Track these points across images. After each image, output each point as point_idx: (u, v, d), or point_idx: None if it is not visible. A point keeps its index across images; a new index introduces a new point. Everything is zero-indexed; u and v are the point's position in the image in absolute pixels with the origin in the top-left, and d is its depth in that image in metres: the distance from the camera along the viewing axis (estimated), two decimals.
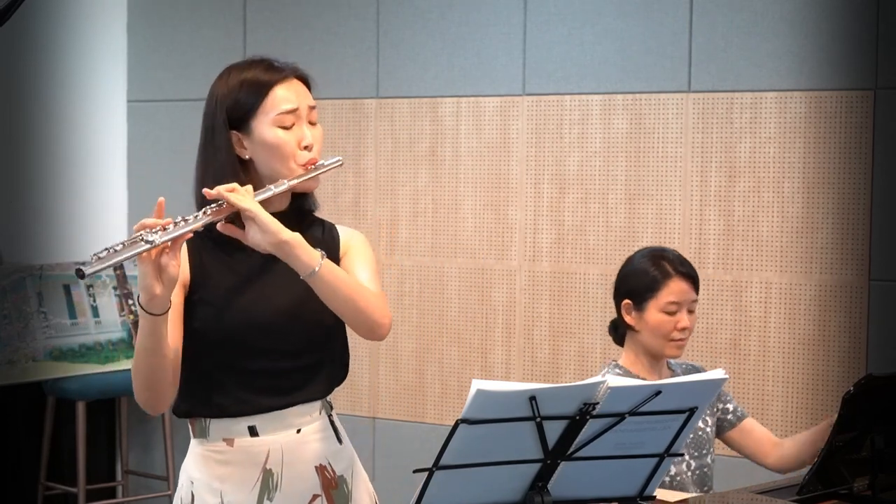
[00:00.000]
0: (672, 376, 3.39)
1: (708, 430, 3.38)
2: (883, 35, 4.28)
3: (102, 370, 5.33)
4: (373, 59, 5.18)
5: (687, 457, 3.31)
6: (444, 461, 2.15)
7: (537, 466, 2.23)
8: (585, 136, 4.77)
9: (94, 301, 5.41)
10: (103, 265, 2.24)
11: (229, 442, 2.52)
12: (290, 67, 2.59)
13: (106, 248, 2.26)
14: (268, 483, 2.51)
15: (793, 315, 4.43)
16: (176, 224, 2.32)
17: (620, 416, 2.20)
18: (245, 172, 2.53)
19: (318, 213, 2.67)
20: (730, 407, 3.43)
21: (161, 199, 2.36)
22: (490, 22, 4.94)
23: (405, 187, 5.12)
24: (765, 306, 4.47)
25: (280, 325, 2.48)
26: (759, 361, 4.48)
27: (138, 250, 2.26)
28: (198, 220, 2.35)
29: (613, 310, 4.71)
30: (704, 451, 3.35)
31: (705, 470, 3.34)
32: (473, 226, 4.99)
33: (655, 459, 2.32)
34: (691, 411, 2.26)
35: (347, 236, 2.62)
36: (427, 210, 5.06)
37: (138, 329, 2.36)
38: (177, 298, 2.46)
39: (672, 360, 3.44)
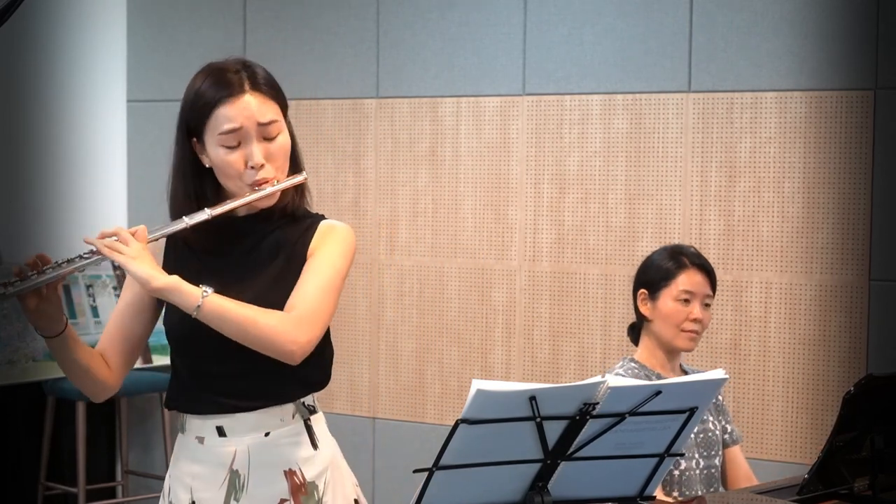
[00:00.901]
0: (685, 374, 3.40)
1: (717, 432, 3.38)
2: (883, 35, 4.28)
3: None
4: (373, 59, 5.18)
5: (697, 455, 3.31)
6: (444, 461, 2.15)
7: (537, 466, 2.23)
8: (585, 136, 4.77)
9: (94, 301, 5.41)
10: None
11: (200, 440, 2.53)
12: (247, 80, 2.48)
13: None
14: (234, 483, 2.51)
15: (793, 315, 4.43)
16: (43, 272, 2.35)
17: (620, 416, 2.20)
18: (209, 178, 2.50)
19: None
20: (728, 427, 3.45)
21: (39, 256, 2.39)
22: (490, 22, 4.94)
23: (405, 187, 5.12)
24: (765, 306, 4.47)
25: None
26: (759, 361, 4.48)
27: None
28: (71, 265, 2.38)
29: (613, 310, 4.73)
30: (713, 452, 3.35)
31: (713, 471, 3.35)
32: (473, 226, 4.99)
33: (655, 459, 2.32)
34: (691, 411, 2.26)
35: (321, 235, 2.53)
36: (427, 210, 5.06)
37: None
38: (133, 295, 2.53)
39: (686, 365, 3.44)
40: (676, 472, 3.28)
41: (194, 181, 2.50)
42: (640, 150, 4.68)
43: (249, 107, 2.45)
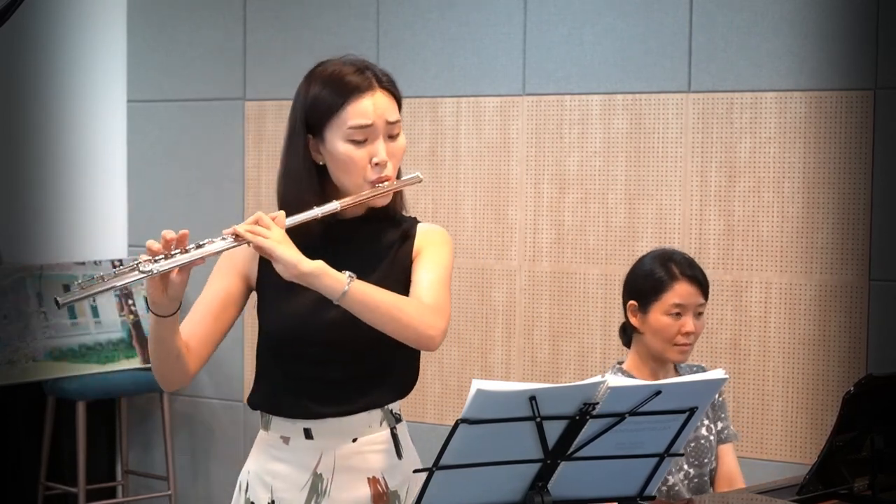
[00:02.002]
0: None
1: (711, 438, 3.34)
2: (883, 35, 4.28)
3: (102, 370, 5.34)
4: (373, 59, 5.16)
5: (686, 466, 3.28)
6: (444, 461, 2.15)
7: (537, 466, 2.23)
8: (585, 136, 4.78)
9: (94, 301, 5.41)
10: (86, 293, 2.26)
11: (285, 440, 2.52)
12: (373, 78, 2.50)
13: (97, 277, 2.28)
14: (317, 487, 2.50)
15: (793, 315, 4.43)
16: (186, 251, 2.31)
17: (620, 416, 2.20)
18: (321, 178, 2.50)
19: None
20: (720, 425, 3.40)
21: (185, 232, 2.34)
22: (490, 22, 4.94)
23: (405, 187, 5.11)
24: (765, 306, 4.47)
25: (335, 334, 2.46)
26: (759, 361, 4.48)
27: (129, 280, 2.28)
28: (210, 247, 2.34)
29: (613, 310, 4.73)
30: (706, 461, 3.31)
31: (704, 479, 3.31)
32: (473, 226, 4.99)
33: (655, 459, 2.32)
34: (691, 411, 2.26)
35: (423, 237, 2.56)
36: (427, 210, 5.06)
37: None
38: (226, 286, 2.51)
39: (680, 365, 3.40)
40: (664, 489, 3.23)
41: (308, 180, 2.48)
42: (640, 150, 4.68)
43: (380, 104, 2.49)
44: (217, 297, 2.51)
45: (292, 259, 2.32)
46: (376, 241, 2.53)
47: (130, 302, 5.48)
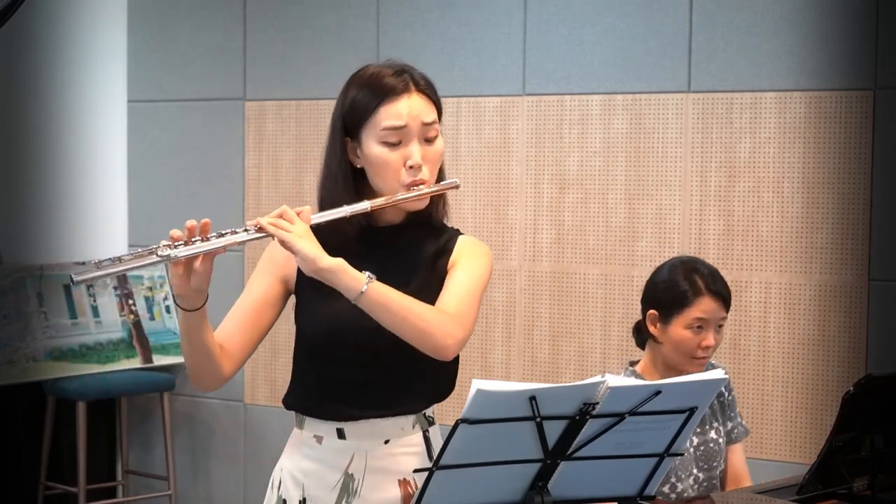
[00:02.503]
0: None
1: (720, 441, 3.33)
2: (883, 35, 4.28)
3: (102, 370, 5.34)
4: (373, 60, 5.17)
5: (696, 470, 3.27)
6: (444, 461, 2.15)
7: (537, 466, 2.23)
8: (585, 136, 4.78)
9: (94, 301, 5.41)
10: (102, 273, 2.25)
11: (318, 439, 2.53)
12: (410, 81, 2.51)
13: (114, 258, 2.27)
14: (348, 487, 2.51)
15: (793, 315, 4.43)
16: (207, 240, 2.31)
17: (620, 416, 2.20)
18: (358, 180, 2.50)
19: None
20: (730, 425, 3.39)
21: (207, 221, 2.34)
22: (490, 22, 4.94)
23: None
24: (765, 306, 4.47)
25: (371, 340, 2.46)
26: (759, 361, 4.48)
27: (146, 262, 2.28)
28: (232, 237, 2.34)
29: (613, 309, 4.73)
30: (714, 464, 3.30)
31: (714, 482, 3.30)
32: (473, 226, 4.99)
33: (655, 459, 2.32)
34: (691, 411, 2.26)
35: (462, 248, 2.55)
36: None
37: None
38: (265, 287, 2.51)
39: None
40: (673, 496, 3.22)
41: (344, 182, 2.49)
42: (640, 150, 4.68)
43: (415, 106, 2.48)
44: (255, 300, 2.51)
45: (312, 254, 2.33)
46: (414, 248, 2.53)
47: (131, 302, 5.48)
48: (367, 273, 2.35)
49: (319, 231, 2.41)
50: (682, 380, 2.29)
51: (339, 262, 2.34)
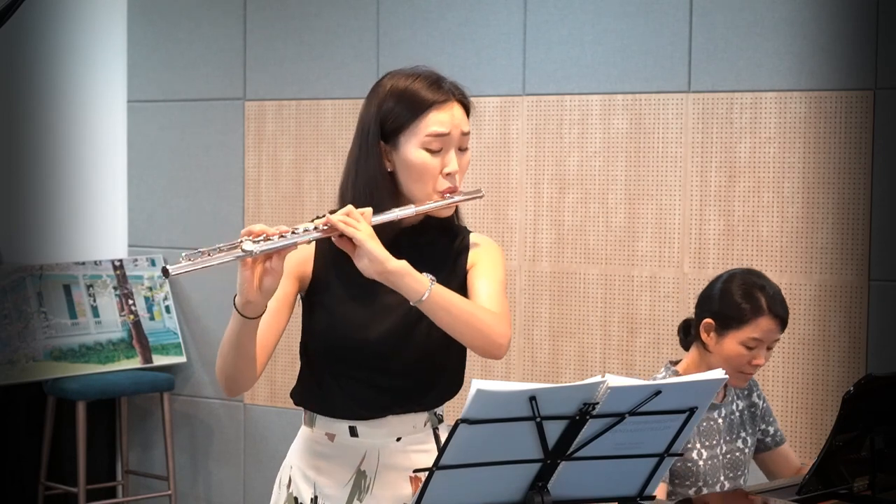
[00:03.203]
0: (727, 393, 3.33)
1: (747, 450, 3.33)
2: (883, 35, 4.28)
3: (102, 370, 5.34)
4: (373, 59, 5.19)
5: (723, 478, 3.27)
6: (444, 461, 2.15)
7: (537, 466, 2.23)
8: (585, 136, 4.78)
9: (94, 301, 5.41)
10: (192, 267, 2.26)
11: (330, 437, 2.54)
12: (453, 90, 2.53)
13: (200, 251, 2.28)
14: (360, 484, 2.53)
15: (793, 315, 4.40)
16: (282, 236, 2.32)
17: (620, 416, 2.20)
18: (389, 184, 2.51)
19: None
20: (770, 430, 3.38)
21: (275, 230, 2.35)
22: (490, 22, 4.94)
23: None
24: None
25: (390, 344, 2.49)
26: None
27: (232, 257, 2.29)
28: (306, 235, 2.35)
29: (613, 309, 4.73)
30: (739, 473, 3.30)
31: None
32: (473, 226, 4.97)
33: (655, 459, 2.32)
34: (691, 411, 2.26)
35: (478, 249, 2.58)
36: None
37: (230, 321, 2.40)
38: (285, 289, 2.50)
39: None
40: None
41: (384, 185, 2.50)
42: (640, 150, 4.68)
43: (457, 115, 2.51)
44: (277, 301, 2.50)
45: (381, 255, 2.34)
46: (434, 249, 2.55)
47: (131, 302, 5.49)
48: (430, 276, 2.38)
49: (388, 223, 2.45)
50: (683, 380, 2.29)
51: (405, 265, 2.36)
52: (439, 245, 2.56)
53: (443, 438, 2.57)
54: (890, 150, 4.29)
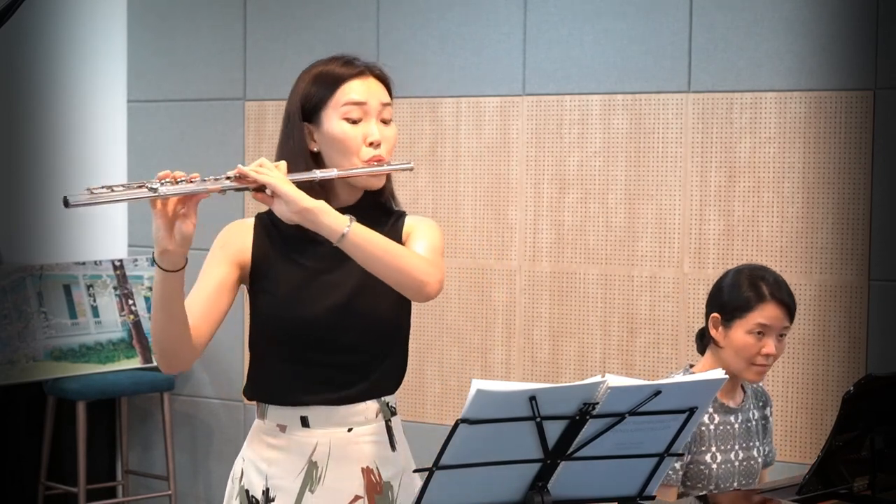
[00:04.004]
0: (745, 398, 3.34)
1: (760, 460, 3.33)
2: (883, 35, 4.28)
3: (102, 370, 5.34)
4: (373, 59, 5.17)
5: (736, 484, 3.26)
6: (444, 461, 2.15)
7: (537, 466, 2.23)
8: (585, 136, 4.78)
9: (94, 301, 5.41)
10: (94, 200, 2.24)
11: (282, 428, 2.55)
12: (368, 64, 2.59)
13: (105, 186, 2.26)
14: (311, 475, 2.53)
15: None
16: (192, 182, 2.32)
17: (620, 416, 2.20)
18: (315, 165, 2.54)
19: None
20: (765, 449, 3.39)
21: (192, 176, 2.34)
22: (490, 22, 4.94)
23: (405, 187, 5.12)
24: None
25: (333, 320, 2.50)
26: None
27: (137, 196, 2.28)
28: (217, 183, 2.34)
29: (613, 309, 4.73)
30: (752, 481, 3.30)
31: None
32: (473, 226, 4.99)
33: (655, 459, 2.32)
34: (691, 411, 2.26)
35: (414, 222, 2.60)
36: (427, 210, 5.06)
37: (154, 279, 2.39)
38: (222, 274, 2.51)
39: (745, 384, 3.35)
40: None
41: (305, 165, 2.52)
42: (640, 150, 4.68)
43: (373, 87, 2.56)
44: (212, 283, 2.51)
45: (295, 195, 2.35)
46: (369, 226, 2.54)
47: (131, 302, 5.49)
48: (349, 215, 2.39)
49: (278, 222, 2.46)
50: (683, 380, 2.29)
51: (322, 203, 2.37)
52: (375, 223, 2.55)
53: (395, 431, 2.60)
54: (890, 150, 4.29)
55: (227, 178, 2.36)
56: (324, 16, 5.28)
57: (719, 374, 2.29)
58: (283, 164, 2.43)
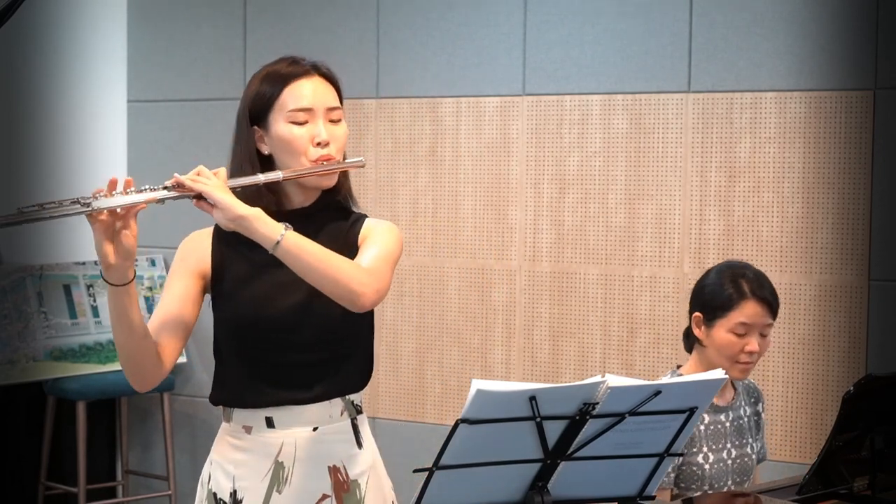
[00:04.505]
0: (735, 395, 3.34)
1: (754, 456, 3.33)
2: (883, 35, 4.28)
3: (102, 370, 5.34)
4: (373, 59, 5.18)
5: (730, 482, 3.26)
6: (444, 461, 2.15)
7: (537, 466, 2.23)
8: (585, 136, 4.78)
9: (94, 301, 5.41)
10: (22, 219, 2.25)
11: (247, 429, 2.56)
12: (312, 64, 2.59)
13: (37, 204, 2.26)
14: (278, 475, 2.54)
15: (793, 315, 4.43)
16: (127, 193, 2.32)
17: (620, 416, 2.20)
18: (266, 168, 2.54)
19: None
20: (757, 445, 3.39)
21: (129, 179, 2.36)
22: (490, 22, 4.94)
23: (405, 187, 5.12)
24: None
25: (291, 319, 2.51)
26: (759, 361, 4.47)
27: (69, 212, 2.28)
28: (153, 193, 2.36)
29: (613, 309, 4.73)
30: (746, 479, 3.30)
31: None
32: (473, 226, 4.99)
33: (655, 459, 2.32)
34: (691, 411, 2.26)
35: (372, 225, 2.60)
36: (427, 210, 5.06)
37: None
38: (184, 287, 2.53)
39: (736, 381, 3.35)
40: None
41: (252, 169, 2.53)
42: (640, 150, 4.68)
43: (319, 88, 2.56)
44: (178, 298, 2.54)
45: (229, 202, 2.36)
46: (324, 230, 2.57)
47: None
48: (285, 223, 2.39)
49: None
50: (683, 380, 2.29)
51: (257, 211, 2.38)
52: (332, 225, 2.57)
53: (361, 430, 2.60)
54: (890, 150, 4.28)
55: (165, 187, 2.38)
56: (324, 15, 5.28)
57: (719, 374, 2.29)
58: (222, 170, 2.44)
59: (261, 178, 2.47)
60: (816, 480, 2.96)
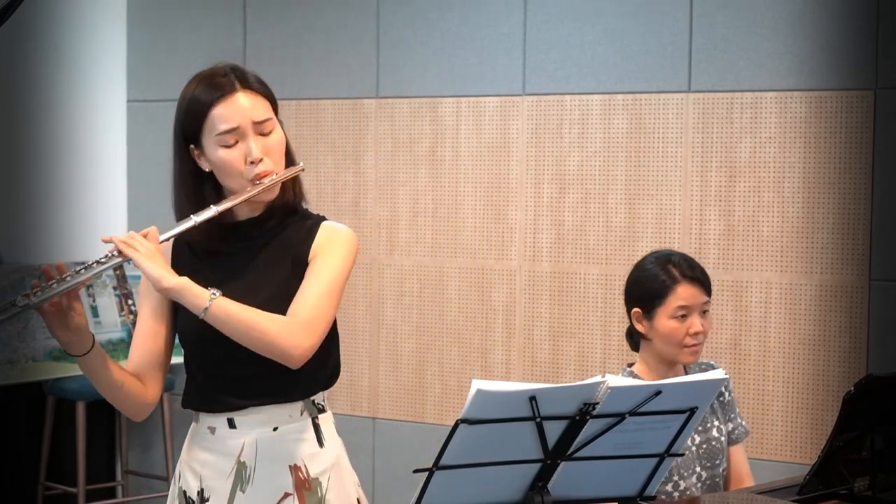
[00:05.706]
0: None
1: (722, 439, 3.33)
2: (883, 35, 4.28)
3: None
4: (373, 59, 5.18)
5: (699, 468, 3.27)
6: (444, 461, 2.15)
7: (537, 466, 2.23)
8: (585, 136, 4.78)
9: (94, 301, 5.41)
10: None
11: (212, 430, 2.60)
12: (236, 81, 2.55)
13: None
14: (241, 475, 2.57)
15: (793, 315, 4.43)
16: (64, 279, 2.39)
17: (620, 417, 2.20)
18: (209, 183, 2.56)
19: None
20: (731, 426, 3.38)
21: (57, 265, 2.42)
22: (490, 22, 4.94)
23: (405, 187, 5.12)
24: (765, 306, 4.47)
25: None
26: (759, 361, 4.48)
27: (9, 314, 2.42)
28: (89, 271, 2.41)
29: (613, 309, 4.73)
30: (717, 462, 3.29)
31: (717, 480, 3.30)
32: (473, 226, 4.99)
33: (655, 459, 2.32)
34: (691, 411, 2.26)
35: (324, 238, 2.58)
36: (427, 210, 5.06)
37: None
38: (152, 320, 2.59)
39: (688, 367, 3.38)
40: (676, 494, 3.22)
41: (195, 187, 2.55)
42: (640, 150, 4.68)
43: (243, 105, 2.52)
44: (148, 318, 2.60)
45: (156, 274, 2.42)
46: (276, 242, 2.58)
47: (130, 302, 5.48)
48: (212, 290, 2.43)
49: (184, 237, 2.50)
50: (683, 380, 2.29)
51: (183, 282, 2.43)
52: (285, 231, 2.58)
53: (323, 428, 2.62)
54: (890, 150, 4.28)
55: (99, 261, 2.43)
56: (324, 15, 5.28)
57: (720, 374, 2.29)
58: (153, 230, 2.47)
59: (195, 219, 2.48)
60: (817, 481, 2.96)
